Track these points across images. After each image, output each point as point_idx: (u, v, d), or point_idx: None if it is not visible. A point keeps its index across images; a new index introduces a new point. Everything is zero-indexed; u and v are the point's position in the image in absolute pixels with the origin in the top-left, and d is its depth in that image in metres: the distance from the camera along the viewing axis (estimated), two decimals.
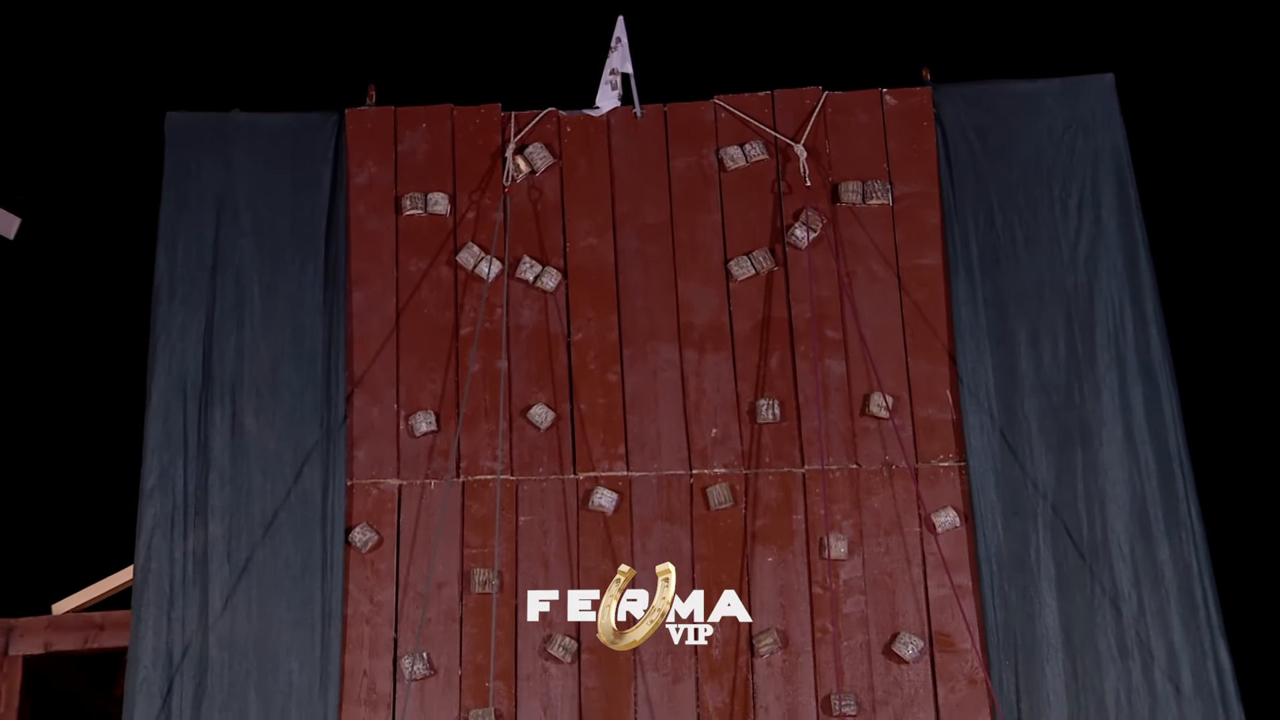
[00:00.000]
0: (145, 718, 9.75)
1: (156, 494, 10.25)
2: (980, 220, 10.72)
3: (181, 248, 10.72)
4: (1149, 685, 9.69)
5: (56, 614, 11.04)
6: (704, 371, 10.52)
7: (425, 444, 10.39)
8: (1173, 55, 15.08)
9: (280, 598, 10.02)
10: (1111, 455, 10.20)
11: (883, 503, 10.22)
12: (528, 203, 10.86)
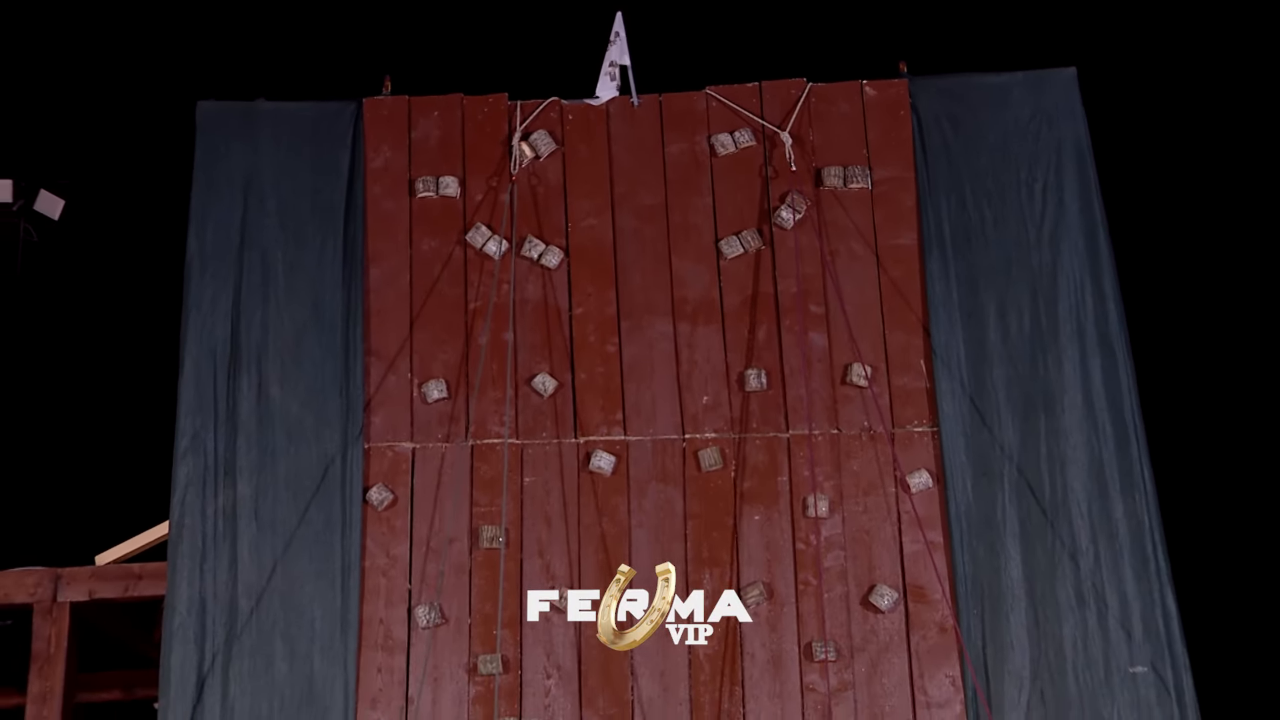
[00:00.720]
0: (181, 660, 9.70)
1: (189, 455, 10.18)
2: (952, 202, 10.62)
3: (211, 227, 10.62)
4: (1103, 631, 9.66)
5: (99, 565, 10.96)
6: (696, 343, 10.42)
7: (437, 410, 10.30)
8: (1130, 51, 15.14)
9: (303, 552, 9.96)
10: (1072, 421, 10.14)
11: (861, 465, 10.13)
12: (532, 186, 10.74)
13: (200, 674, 9.72)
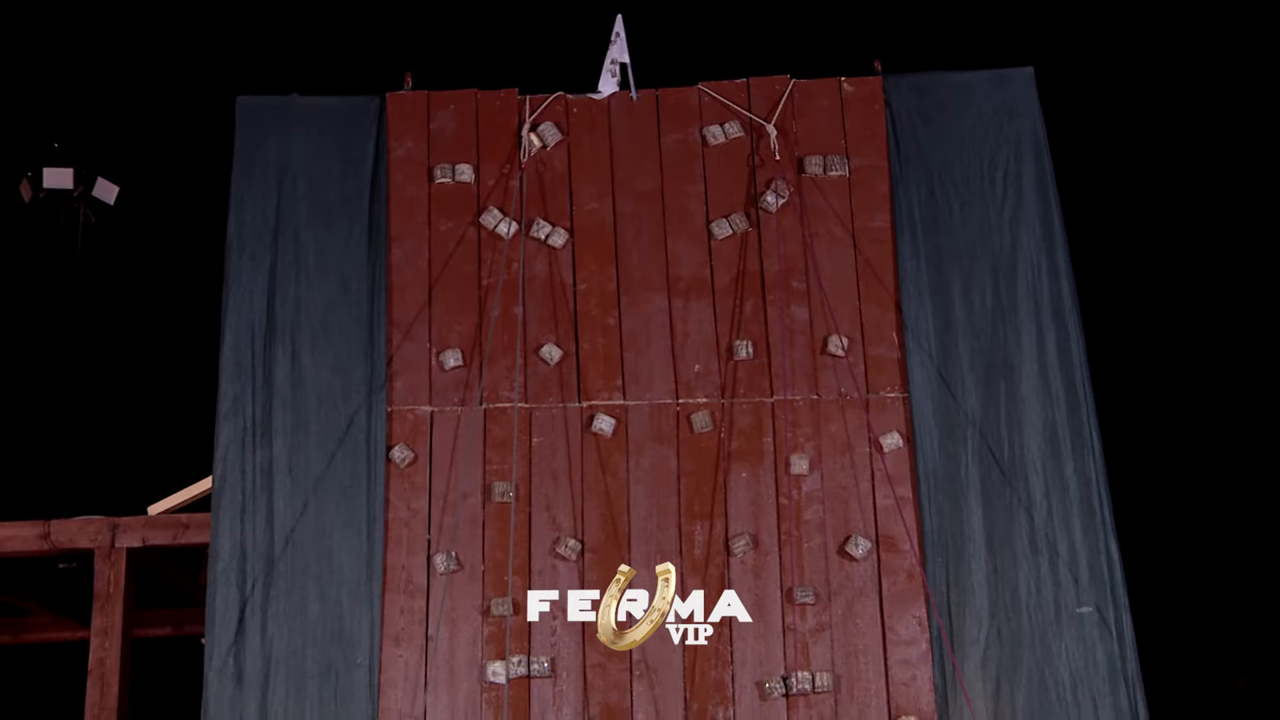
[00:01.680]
0: (224, 601, 9.64)
1: (230, 417, 10.04)
2: (922, 189, 10.42)
3: (249, 211, 10.43)
4: (1054, 576, 9.59)
5: (151, 514, 10.86)
6: (689, 316, 10.23)
7: (453, 377, 10.11)
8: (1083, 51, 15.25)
9: (333, 505, 9.83)
10: (1028, 387, 10.01)
11: (838, 427, 9.96)
12: (540, 173, 10.52)
13: (241, 613, 9.66)
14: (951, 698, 9.35)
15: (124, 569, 10.63)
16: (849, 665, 9.46)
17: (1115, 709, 9.31)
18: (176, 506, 10.85)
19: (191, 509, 10.80)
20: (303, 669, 9.53)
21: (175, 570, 11.72)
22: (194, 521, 10.60)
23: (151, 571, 11.38)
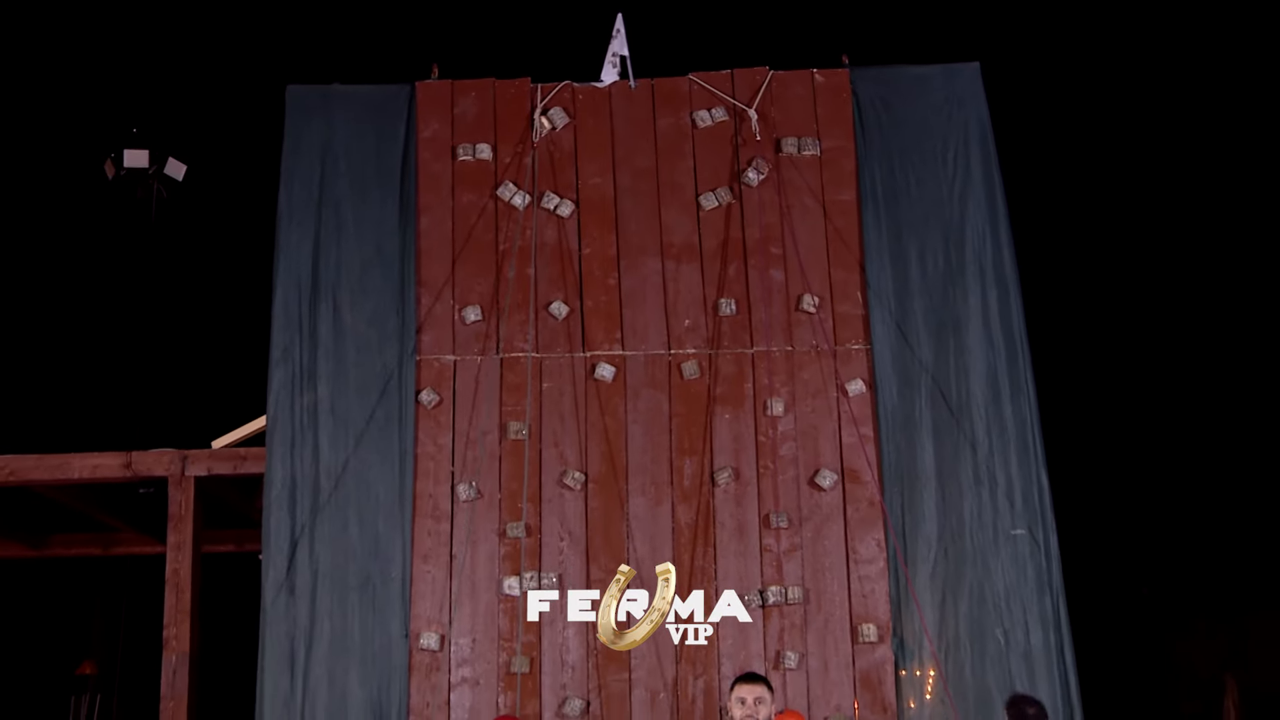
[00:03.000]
0: (277, 523, 9.50)
1: (280, 364, 9.77)
2: (883, 167, 10.07)
3: (296, 186, 10.07)
4: (994, 503, 9.45)
5: (215, 448, 10.52)
6: (680, 277, 9.87)
7: (474, 330, 9.75)
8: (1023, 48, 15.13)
9: (370, 441, 9.58)
10: (974, 340, 9.76)
11: (810, 375, 9.65)
12: (550, 151, 10.12)
13: (292, 534, 9.49)
14: (904, 607, 9.20)
15: (193, 494, 10.33)
16: (817, 580, 9.28)
17: (1041, 615, 9.17)
18: (236, 441, 10.51)
19: (249, 443, 10.44)
20: (345, 582, 9.32)
21: (236, 495, 11.41)
22: (251, 454, 10.23)
23: (216, 496, 11.03)
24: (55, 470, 10.53)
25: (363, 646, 9.15)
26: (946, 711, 8.95)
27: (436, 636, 9.10)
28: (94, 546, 14.01)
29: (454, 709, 9.02)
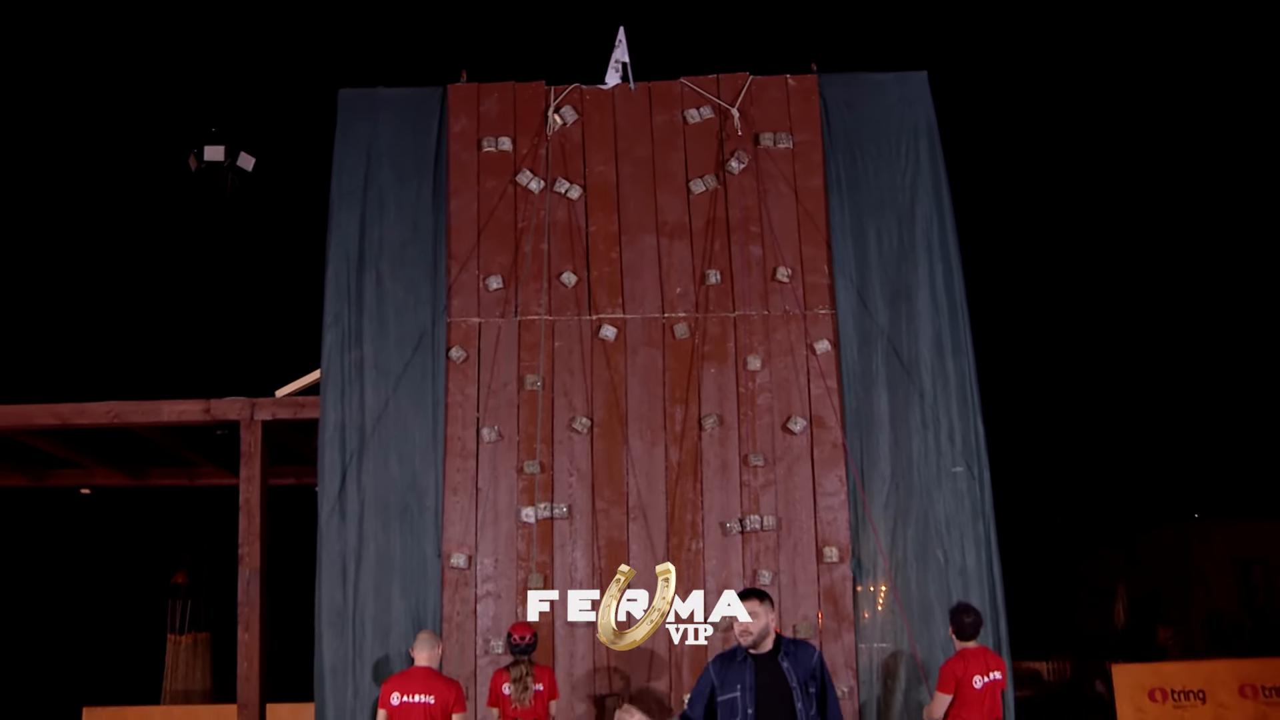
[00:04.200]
0: (330, 460, 9.20)
1: (332, 326, 9.38)
2: (846, 159, 9.63)
3: (346, 174, 9.63)
4: (937, 444, 9.17)
5: (278, 396, 10.08)
6: (673, 252, 9.43)
7: (496, 296, 9.32)
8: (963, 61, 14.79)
9: (407, 391, 9.21)
10: (923, 306, 9.39)
11: (784, 335, 9.26)
12: (561, 143, 9.64)
13: (342, 469, 9.16)
14: (862, 533, 8.92)
15: (260, 435, 9.93)
16: (788, 510, 8.99)
17: (975, 538, 8.94)
18: (295, 391, 10.07)
19: (305, 393, 9.98)
20: (388, 510, 9.01)
21: (296, 437, 11.02)
22: (308, 402, 9.80)
23: (279, 437, 10.63)
24: (149, 414, 10.22)
25: (403, 564, 8.87)
26: (896, 619, 8.70)
27: (465, 556, 8.81)
28: (182, 478, 13.74)
29: (480, 617, 8.74)
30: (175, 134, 16.64)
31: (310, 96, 14.44)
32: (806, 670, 5.61)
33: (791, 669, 5.57)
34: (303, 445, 11.24)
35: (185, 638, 16.97)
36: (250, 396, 10.04)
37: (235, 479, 10.06)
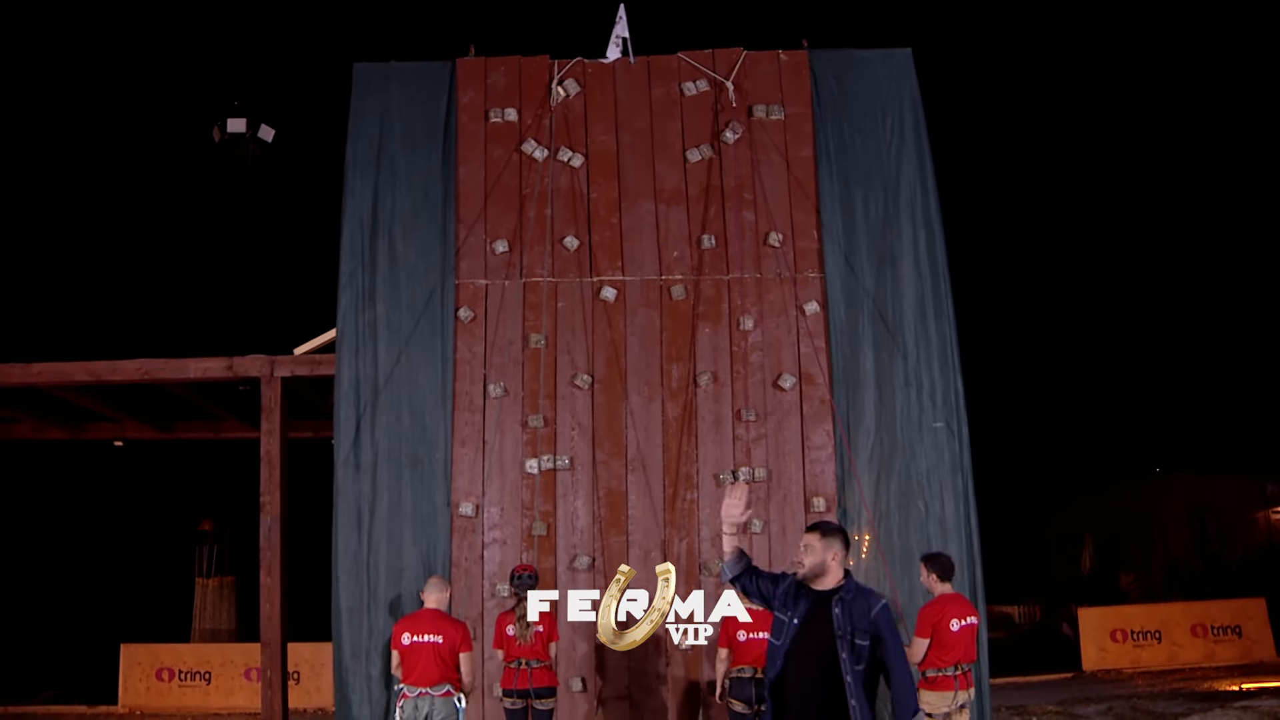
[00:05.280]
0: (345, 414, 8.99)
1: (347, 287, 9.15)
2: (835, 130, 9.37)
3: (360, 143, 9.36)
4: (919, 401, 8.95)
5: (296, 354, 9.91)
6: (670, 217, 9.20)
7: (502, 259, 9.10)
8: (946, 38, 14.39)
9: (418, 349, 9.00)
10: (906, 271, 9.16)
11: (775, 297, 9.05)
12: (564, 114, 9.38)
13: (357, 422, 8.97)
14: (847, 484, 8.76)
15: (279, 391, 9.79)
16: (778, 463, 8.84)
17: (954, 490, 8.78)
18: (312, 349, 9.90)
19: (322, 351, 9.82)
20: (399, 461, 8.85)
21: (313, 392, 10.91)
22: (324, 359, 9.64)
23: (298, 393, 10.52)
24: (176, 371, 10.09)
25: (414, 513, 8.72)
26: (879, 566, 8.54)
27: (472, 506, 8.66)
28: (207, 431, 13.64)
29: (486, 563, 8.62)
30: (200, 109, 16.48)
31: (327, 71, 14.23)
32: (863, 621, 4.91)
33: (841, 616, 4.92)
34: (320, 400, 11.11)
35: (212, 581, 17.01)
36: (270, 354, 9.89)
37: (256, 432, 9.92)
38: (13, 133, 17.57)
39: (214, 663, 14.82)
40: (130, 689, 14.71)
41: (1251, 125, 17.95)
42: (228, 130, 15.43)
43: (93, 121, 18.12)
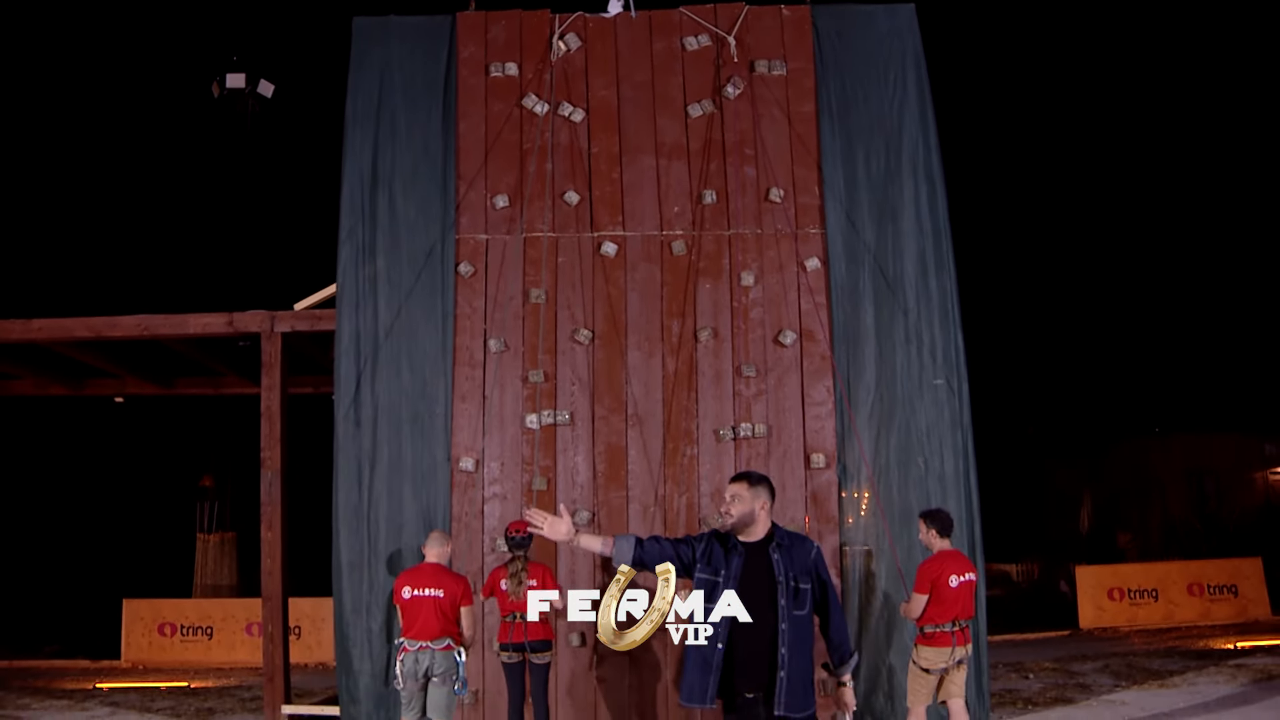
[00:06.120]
0: (345, 369, 8.97)
1: (348, 242, 9.10)
2: (837, 85, 9.28)
3: (360, 98, 9.29)
4: (919, 358, 8.92)
5: (296, 309, 9.88)
6: (671, 172, 9.13)
7: (502, 214, 9.05)
8: None
9: (418, 304, 8.97)
10: (907, 226, 9.09)
11: (776, 253, 8.99)
12: (565, 69, 9.29)
13: (357, 378, 8.95)
14: (847, 440, 8.74)
15: (280, 346, 9.78)
16: (778, 419, 8.82)
17: (954, 447, 8.77)
18: (313, 304, 9.85)
19: (323, 306, 9.78)
20: (399, 416, 8.83)
21: (313, 348, 10.90)
22: (324, 315, 9.61)
23: (298, 349, 10.49)
24: (177, 326, 10.09)
25: (414, 468, 8.72)
26: (878, 522, 8.55)
27: (472, 460, 8.67)
28: (208, 387, 13.67)
29: (486, 518, 8.64)
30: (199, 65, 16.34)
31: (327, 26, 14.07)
32: (802, 566, 4.91)
33: (781, 562, 4.90)
34: (320, 355, 11.09)
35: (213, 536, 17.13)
36: (270, 310, 9.86)
37: (257, 388, 9.93)
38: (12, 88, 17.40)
39: (215, 618, 14.95)
40: (133, 644, 14.84)
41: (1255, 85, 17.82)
42: (227, 86, 15.28)
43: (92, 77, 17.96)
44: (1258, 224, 19.07)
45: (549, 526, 4.99)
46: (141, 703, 10.90)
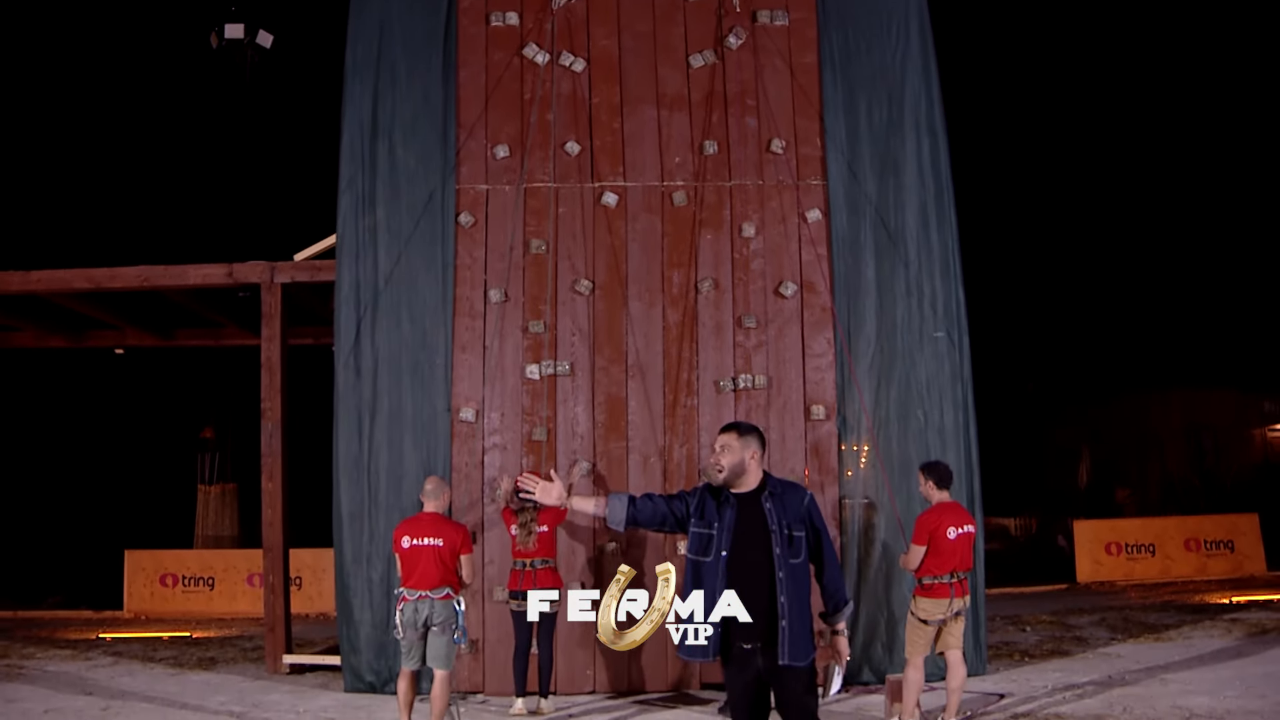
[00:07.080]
0: (345, 320, 8.97)
1: (348, 192, 9.07)
2: (840, 36, 9.23)
3: (360, 47, 9.24)
4: (920, 311, 8.95)
5: (296, 260, 9.87)
6: (672, 123, 9.09)
7: (503, 164, 9.02)
8: None
9: (418, 254, 8.95)
10: (909, 179, 9.08)
11: (777, 204, 8.97)
12: (566, 18, 9.21)
13: (357, 329, 8.95)
14: (847, 392, 8.76)
15: (280, 297, 9.79)
16: (778, 370, 8.84)
17: (954, 400, 8.82)
18: (313, 255, 9.84)
19: (322, 256, 9.77)
20: (400, 366, 8.84)
21: (313, 299, 10.90)
22: (324, 265, 9.62)
23: (298, 300, 10.48)
24: (177, 278, 10.12)
25: (414, 418, 8.73)
26: (877, 474, 8.60)
27: (473, 411, 8.69)
28: (208, 339, 13.68)
29: (487, 468, 8.67)
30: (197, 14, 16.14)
31: None
32: (795, 514, 4.87)
33: (774, 510, 4.86)
34: (320, 306, 11.10)
35: (214, 488, 17.21)
36: (270, 260, 9.85)
37: (257, 339, 9.94)
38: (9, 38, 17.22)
39: (217, 568, 15.05)
40: (135, 594, 14.95)
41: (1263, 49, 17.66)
42: (225, 36, 15.19)
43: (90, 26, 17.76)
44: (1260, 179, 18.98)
45: (541, 491, 4.98)
46: (144, 653, 11.00)
